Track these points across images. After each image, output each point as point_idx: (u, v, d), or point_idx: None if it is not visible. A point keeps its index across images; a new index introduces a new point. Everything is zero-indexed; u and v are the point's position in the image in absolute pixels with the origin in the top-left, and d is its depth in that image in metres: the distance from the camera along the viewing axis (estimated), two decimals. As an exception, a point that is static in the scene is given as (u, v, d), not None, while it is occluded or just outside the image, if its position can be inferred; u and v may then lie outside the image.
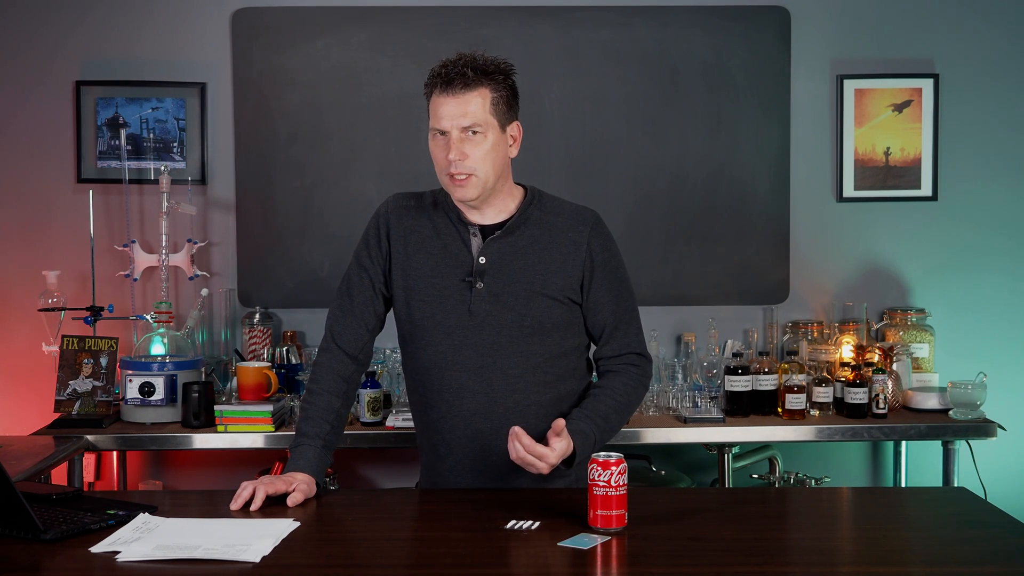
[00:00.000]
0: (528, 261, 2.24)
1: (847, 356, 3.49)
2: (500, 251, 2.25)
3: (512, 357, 2.23)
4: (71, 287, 3.64)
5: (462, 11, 3.71)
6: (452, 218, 2.28)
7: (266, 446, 3.21)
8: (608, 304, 2.30)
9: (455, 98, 2.16)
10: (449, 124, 2.17)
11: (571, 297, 2.27)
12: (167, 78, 3.71)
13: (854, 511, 2.23)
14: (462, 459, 2.28)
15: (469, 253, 2.25)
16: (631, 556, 1.83)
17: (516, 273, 2.24)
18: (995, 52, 3.77)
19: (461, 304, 2.23)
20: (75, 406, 3.32)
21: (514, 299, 2.22)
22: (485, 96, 2.18)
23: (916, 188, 3.78)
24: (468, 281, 2.23)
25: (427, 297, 2.26)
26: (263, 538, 1.88)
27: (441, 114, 2.18)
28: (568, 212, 2.31)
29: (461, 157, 2.17)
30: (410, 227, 2.30)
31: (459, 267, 2.25)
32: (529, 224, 2.27)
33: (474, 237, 2.26)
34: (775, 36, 3.74)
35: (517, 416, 2.22)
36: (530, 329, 2.23)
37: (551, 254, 2.25)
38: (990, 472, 3.50)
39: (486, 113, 2.18)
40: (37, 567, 1.78)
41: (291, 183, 3.73)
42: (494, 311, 2.22)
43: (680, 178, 3.76)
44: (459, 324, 2.23)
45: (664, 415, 3.39)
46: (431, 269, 2.26)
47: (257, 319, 3.64)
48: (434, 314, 2.25)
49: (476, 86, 2.17)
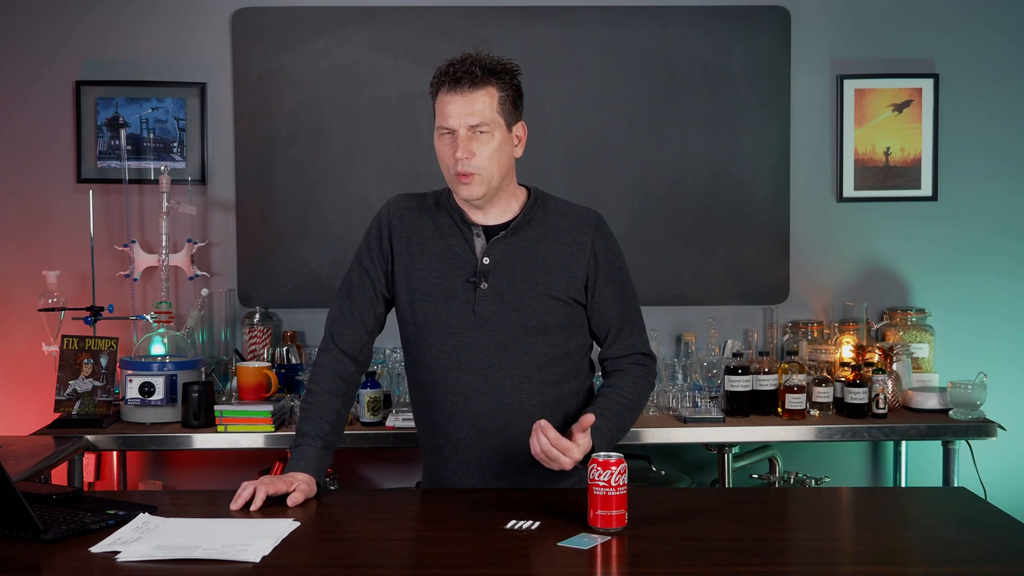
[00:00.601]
0: (532, 262, 2.24)
1: (847, 356, 3.49)
2: (504, 252, 2.25)
3: (516, 357, 2.23)
4: (71, 287, 3.64)
5: (462, 11, 3.71)
6: (455, 218, 2.27)
7: (266, 446, 3.21)
8: (613, 305, 2.30)
9: (463, 96, 2.16)
10: (457, 122, 2.17)
11: (575, 298, 2.27)
12: (167, 78, 3.71)
13: (854, 511, 2.23)
14: (467, 460, 2.27)
15: (473, 254, 2.25)
16: (631, 556, 1.83)
17: (520, 274, 2.24)
18: (995, 52, 3.77)
19: (465, 304, 2.23)
20: (75, 406, 3.32)
21: (518, 300, 2.23)
22: (492, 95, 2.18)
23: (916, 188, 3.78)
24: (472, 282, 2.23)
25: (431, 298, 2.25)
26: (263, 538, 1.88)
27: (449, 112, 2.18)
28: (572, 213, 2.31)
29: (468, 155, 2.17)
30: (413, 228, 2.29)
31: (463, 268, 2.25)
32: (533, 225, 2.27)
33: (477, 238, 2.26)
34: (775, 36, 3.74)
35: (522, 416, 2.22)
36: (534, 330, 2.23)
37: (555, 255, 2.26)
38: (990, 472, 3.50)
39: (493, 112, 2.18)
40: (37, 567, 1.78)
41: (291, 183, 3.73)
42: (498, 312, 2.23)
43: (680, 178, 3.76)
44: (463, 325, 2.23)
45: (664, 415, 3.39)
46: (435, 270, 2.26)
47: (257, 319, 3.64)
48: (438, 315, 2.25)
49: (484, 85, 2.17)
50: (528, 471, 2.20)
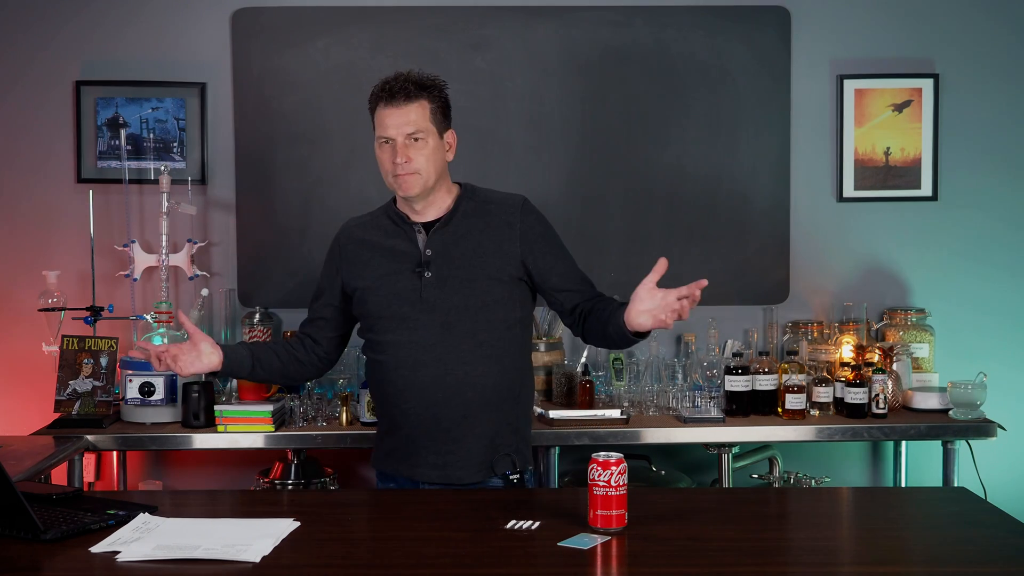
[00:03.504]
0: (467, 247, 2.50)
1: (847, 356, 3.49)
2: (443, 241, 2.50)
3: (460, 335, 2.46)
4: (71, 287, 3.64)
5: (462, 11, 3.71)
6: (398, 221, 2.55)
7: (266, 446, 3.21)
8: (558, 266, 2.55)
9: (399, 109, 2.46)
10: (395, 132, 2.45)
11: (512, 274, 2.51)
12: (167, 78, 3.71)
13: (854, 511, 2.23)
14: (417, 426, 2.48)
15: (417, 248, 2.51)
16: (631, 556, 1.83)
17: (458, 259, 2.49)
18: (995, 52, 3.77)
19: (413, 292, 2.48)
20: (75, 406, 3.32)
21: (459, 283, 2.47)
22: (424, 107, 2.47)
23: (916, 188, 3.78)
24: (418, 271, 2.49)
25: (382, 291, 2.51)
26: (263, 538, 1.88)
27: (387, 124, 2.46)
28: (498, 199, 2.58)
29: (407, 160, 2.44)
30: (361, 240, 2.59)
31: (409, 261, 2.51)
32: (466, 215, 2.53)
33: (419, 234, 2.53)
34: (775, 36, 3.74)
35: (466, 387, 2.45)
36: (475, 308, 2.47)
37: (488, 237, 2.51)
38: (990, 472, 3.50)
39: (426, 121, 2.47)
40: (37, 567, 1.79)
41: (291, 183, 3.73)
42: (442, 295, 2.47)
43: (680, 178, 3.76)
44: (412, 310, 2.48)
45: (664, 415, 3.39)
46: (384, 268, 2.53)
47: (257, 319, 3.64)
48: (390, 304, 2.50)
49: (416, 98, 2.46)
50: (468, 436, 2.46)
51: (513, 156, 3.74)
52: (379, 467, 2.59)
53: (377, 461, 2.60)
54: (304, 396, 3.35)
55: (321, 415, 3.31)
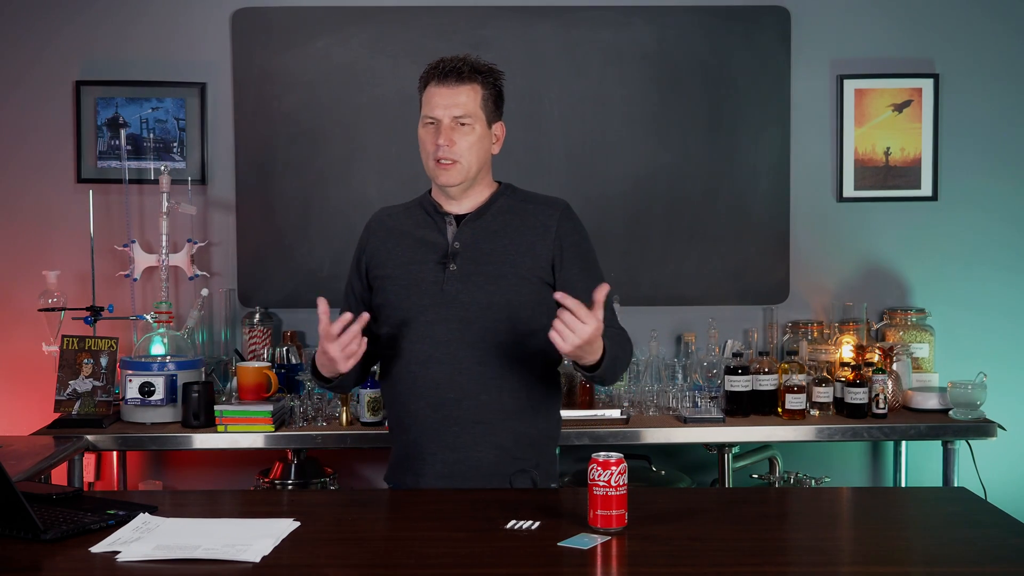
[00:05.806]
0: (499, 244, 2.36)
1: (847, 356, 3.49)
2: (473, 235, 2.37)
3: (479, 332, 2.31)
4: (71, 287, 3.64)
5: (462, 11, 3.71)
6: (430, 211, 2.42)
7: (266, 446, 3.21)
8: (580, 283, 2.33)
9: (449, 89, 2.33)
10: (442, 113, 2.33)
11: (541, 276, 2.35)
12: (167, 78, 3.71)
13: (854, 511, 2.23)
14: (424, 429, 2.33)
15: (445, 239, 2.37)
16: (631, 556, 1.83)
17: (487, 255, 2.35)
18: (995, 52, 3.77)
19: (435, 285, 2.34)
20: (75, 406, 3.32)
21: (484, 279, 2.33)
22: (476, 91, 2.35)
23: (916, 188, 3.78)
24: (443, 263, 2.35)
25: (403, 281, 2.37)
26: (263, 538, 1.88)
27: (435, 103, 2.34)
28: (539, 199, 2.44)
29: (449, 144, 2.32)
30: (390, 229, 2.44)
31: (435, 252, 2.37)
32: (501, 210, 2.39)
33: (449, 225, 2.39)
34: (775, 36, 3.74)
35: (481, 388, 2.30)
36: (498, 307, 2.31)
37: (521, 236, 2.36)
38: (990, 472, 3.50)
39: (476, 106, 2.34)
40: (37, 567, 1.78)
41: (291, 183, 3.73)
42: (464, 290, 2.33)
43: (680, 178, 3.76)
44: (432, 302, 2.33)
45: (664, 415, 3.39)
46: (409, 258, 2.38)
47: (257, 319, 3.64)
48: (409, 295, 2.35)
49: (469, 81, 2.34)
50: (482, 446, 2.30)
51: (513, 156, 3.73)
52: (388, 480, 2.47)
53: (387, 474, 2.47)
54: (304, 396, 3.35)
55: (321, 415, 3.31)
